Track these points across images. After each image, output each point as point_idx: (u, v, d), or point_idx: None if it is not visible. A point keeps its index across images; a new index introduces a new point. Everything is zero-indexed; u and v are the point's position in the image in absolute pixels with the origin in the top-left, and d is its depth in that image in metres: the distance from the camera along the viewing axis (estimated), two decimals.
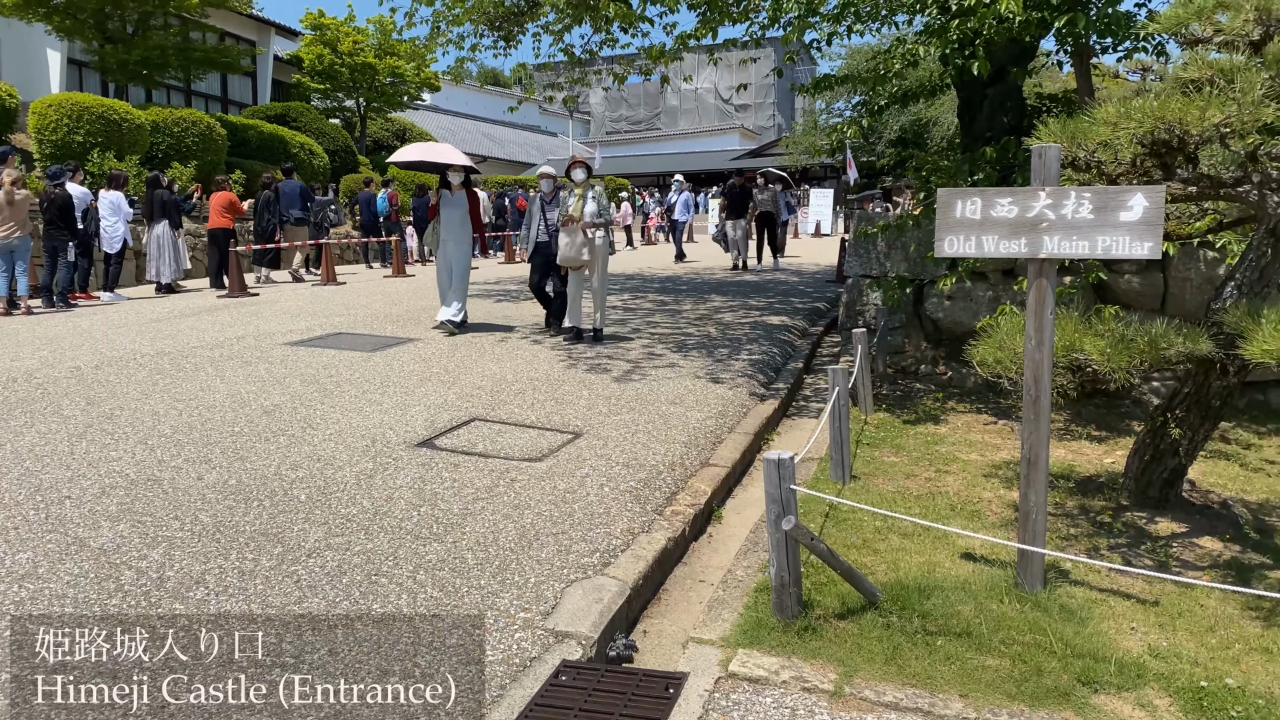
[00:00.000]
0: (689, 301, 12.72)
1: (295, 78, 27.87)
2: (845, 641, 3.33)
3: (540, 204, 9.51)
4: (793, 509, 3.35)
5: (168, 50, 20.16)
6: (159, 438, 5.60)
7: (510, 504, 4.64)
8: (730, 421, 6.51)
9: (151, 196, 14.02)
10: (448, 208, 9.78)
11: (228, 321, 10.50)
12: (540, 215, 9.49)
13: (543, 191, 9.56)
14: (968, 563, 4.14)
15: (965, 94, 9.19)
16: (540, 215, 9.49)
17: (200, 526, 4.22)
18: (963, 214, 3.72)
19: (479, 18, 12.00)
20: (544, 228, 9.43)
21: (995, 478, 5.50)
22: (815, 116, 40.07)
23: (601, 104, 60.31)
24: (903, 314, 8.54)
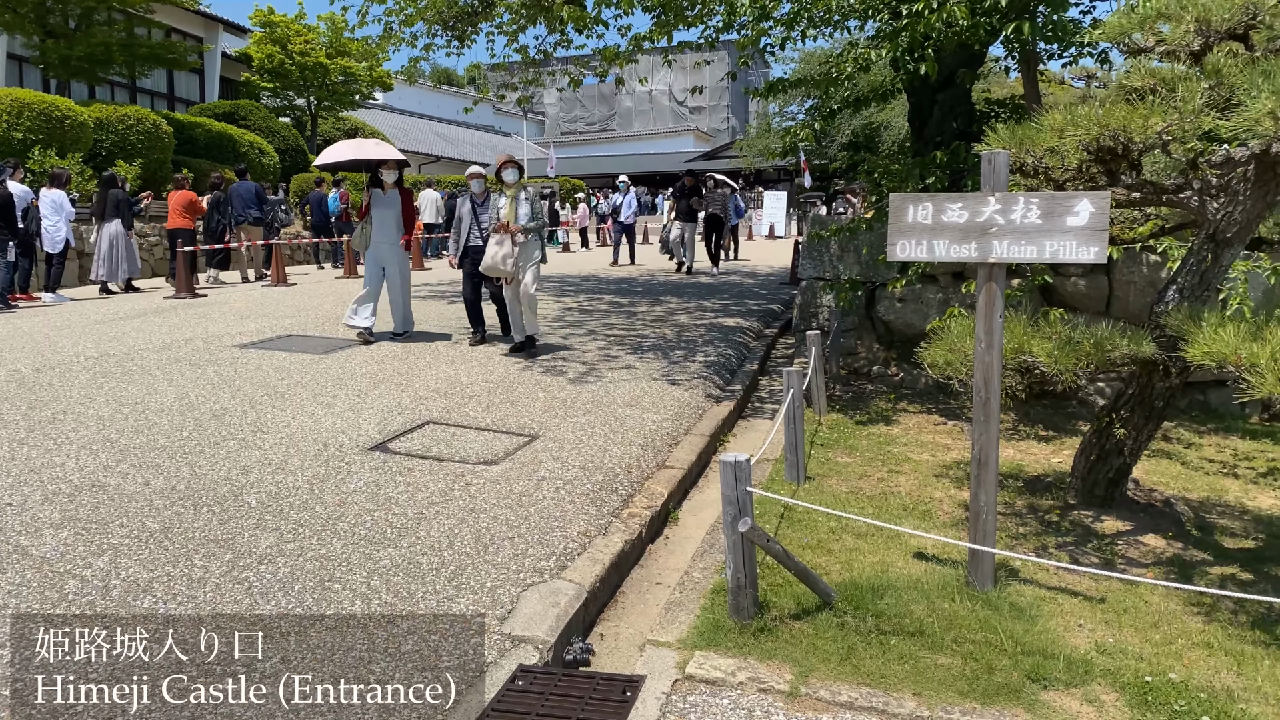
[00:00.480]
0: (644, 303, 12.74)
1: (244, 76, 27.42)
2: (801, 642, 3.36)
3: (472, 206, 8.88)
4: (749, 511, 3.38)
5: (112, 46, 19.72)
6: (104, 443, 5.47)
7: (465, 508, 4.61)
8: (686, 423, 6.53)
9: (105, 195, 13.71)
10: (380, 207, 9.22)
11: (175, 323, 10.29)
12: (471, 218, 8.86)
13: (473, 193, 8.94)
14: (920, 562, 4.20)
15: (916, 99, 9.32)
16: (471, 218, 8.86)
17: (147, 533, 4.13)
18: (914, 218, 3.77)
19: (432, 17, 11.92)
20: (477, 232, 8.82)
21: (946, 478, 5.58)
22: (769, 120, 40.40)
23: (556, 104, 60.17)
24: (855, 316, 8.64)
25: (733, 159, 43.38)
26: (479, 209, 8.81)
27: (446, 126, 48.71)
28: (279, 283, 15.11)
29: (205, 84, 27.69)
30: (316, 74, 26.82)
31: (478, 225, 8.78)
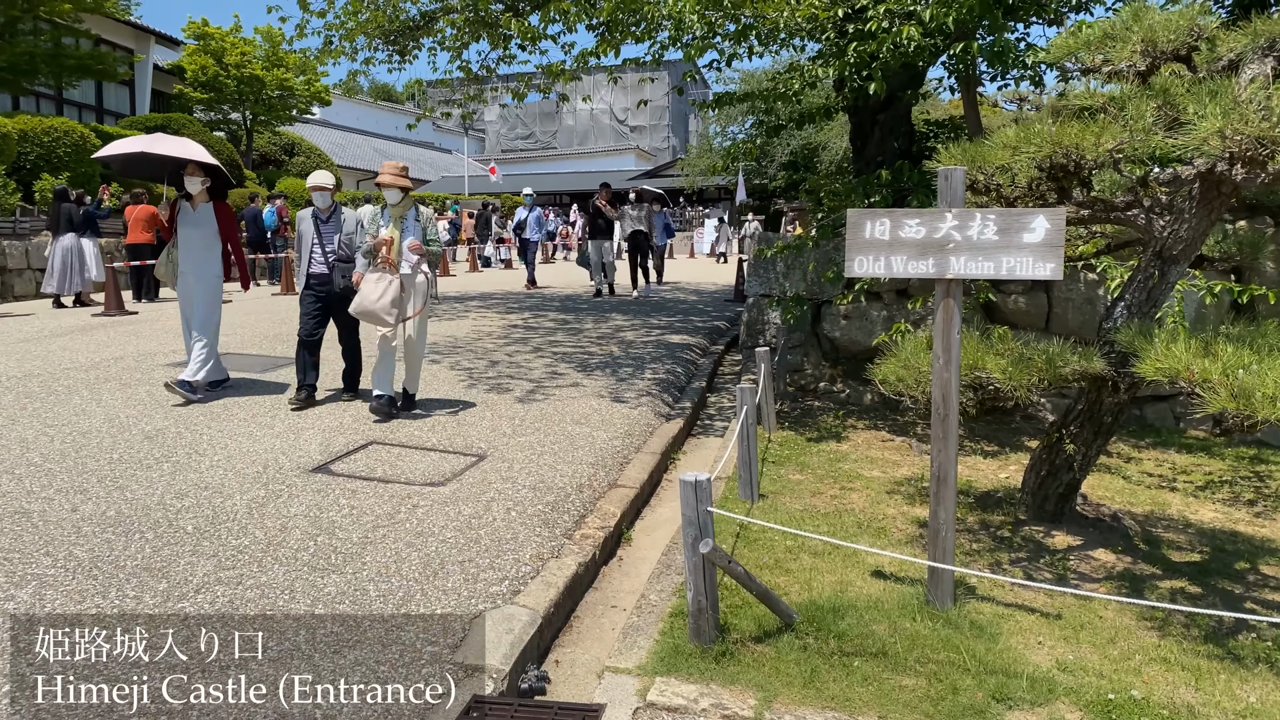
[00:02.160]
0: (590, 320, 12.65)
1: (177, 88, 26.77)
2: (763, 666, 3.28)
3: (314, 223, 7.06)
4: (710, 532, 3.30)
5: (37, 56, 19.13)
6: (28, 466, 5.20)
7: (413, 531, 4.46)
8: (637, 441, 6.45)
9: (58, 210, 13.61)
10: (187, 226, 7.17)
11: (105, 341, 9.92)
12: (315, 238, 7.04)
13: (316, 208, 7.12)
14: (879, 580, 4.16)
15: (857, 119, 9.42)
16: (315, 238, 7.04)
17: (75, 562, 3.91)
18: (872, 234, 3.75)
19: (374, 30, 11.74)
20: (320, 255, 7.01)
21: (898, 494, 5.58)
22: (710, 139, 40.70)
23: (497, 122, 59.95)
24: (801, 333, 8.66)
25: (674, 178, 43.58)
26: (323, 226, 7.05)
27: (385, 143, 48.19)
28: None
29: (136, 96, 26.95)
30: (252, 87, 26.32)
31: (321, 248, 7.01)
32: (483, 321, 12.19)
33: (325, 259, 6.98)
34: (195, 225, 7.20)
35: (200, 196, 7.20)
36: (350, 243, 6.85)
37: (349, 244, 6.86)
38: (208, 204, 7.27)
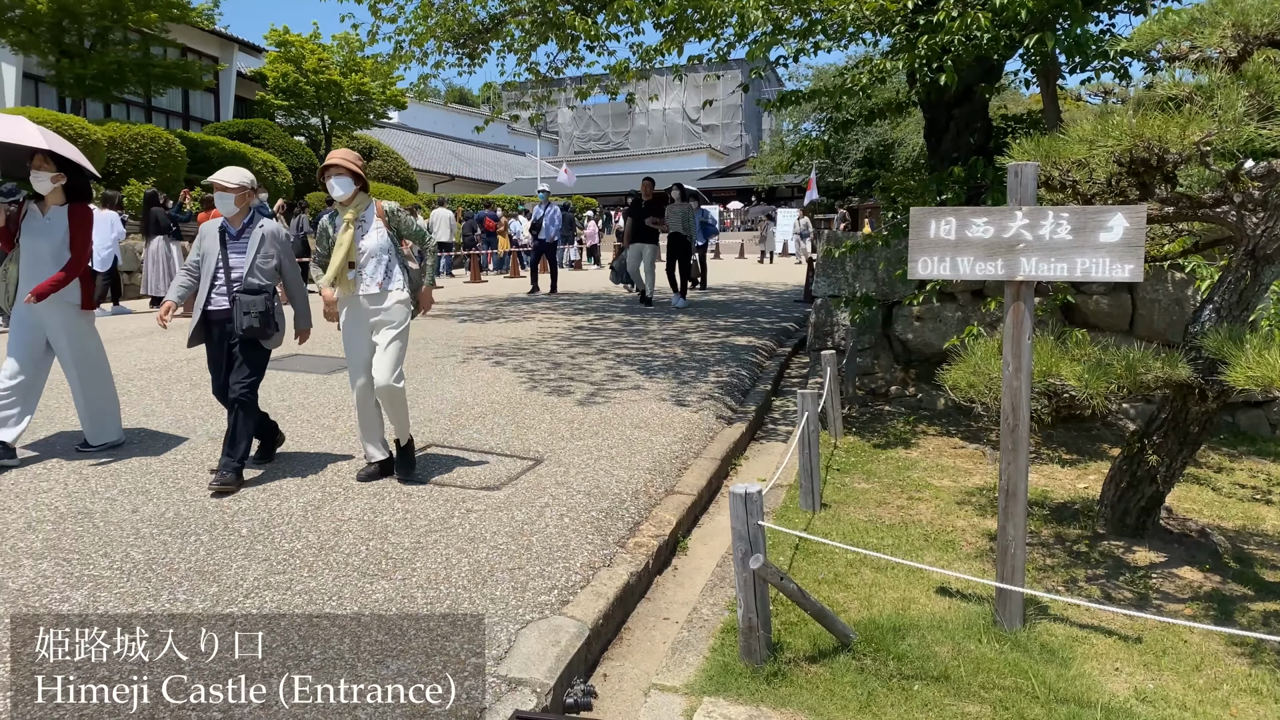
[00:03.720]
0: (656, 321, 12.55)
1: (259, 95, 27.52)
2: (817, 688, 3.13)
3: (221, 239, 5.16)
4: (761, 546, 3.16)
5: (126, 66, 19.79)
6: (95, 466, 5.30)
7: (465, 537, 4.41)
8: (696, 446, 6.31)
9: (149, 214, 14.14)
10: (33, 235, 5.38)
11: (179, 343, 10.14)
12: (219, 258, 5.15)
13: (224, 217, 5.20)
14: (944, 598, 3.96)
15: (931, 114, 9.13)
16: (219, 258, 5.15)
17: (131, 564, 3.94)
18: (937, 234, 3.56)
19: (443, 34, 11.83)
20: (223, 283, 5.15)
21: (969, 505, 5.34)
22: (782, 136, 40.32)
23: (570, 124, 60.38)
24: (871, 335, 8.42)
25: (746, 177, 43.29)
26: (230, 244, 5.17)
27: (461, 146, 48.89)
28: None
29: (220, 103, 27.80)
30: (330, 92, 26.90)
31: (226, 272, 5.14)
32: (548, 323, 12.19)
33: (228, 287, 5.14)
34: (43, 235, 5.37)
35: (54, 197, 5.45)
36: (268, 267, 5.17)
37: (265, 269, 5.17)
38: (62, 207, 5.46)
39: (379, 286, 5.10)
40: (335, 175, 5.02)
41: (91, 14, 18.56)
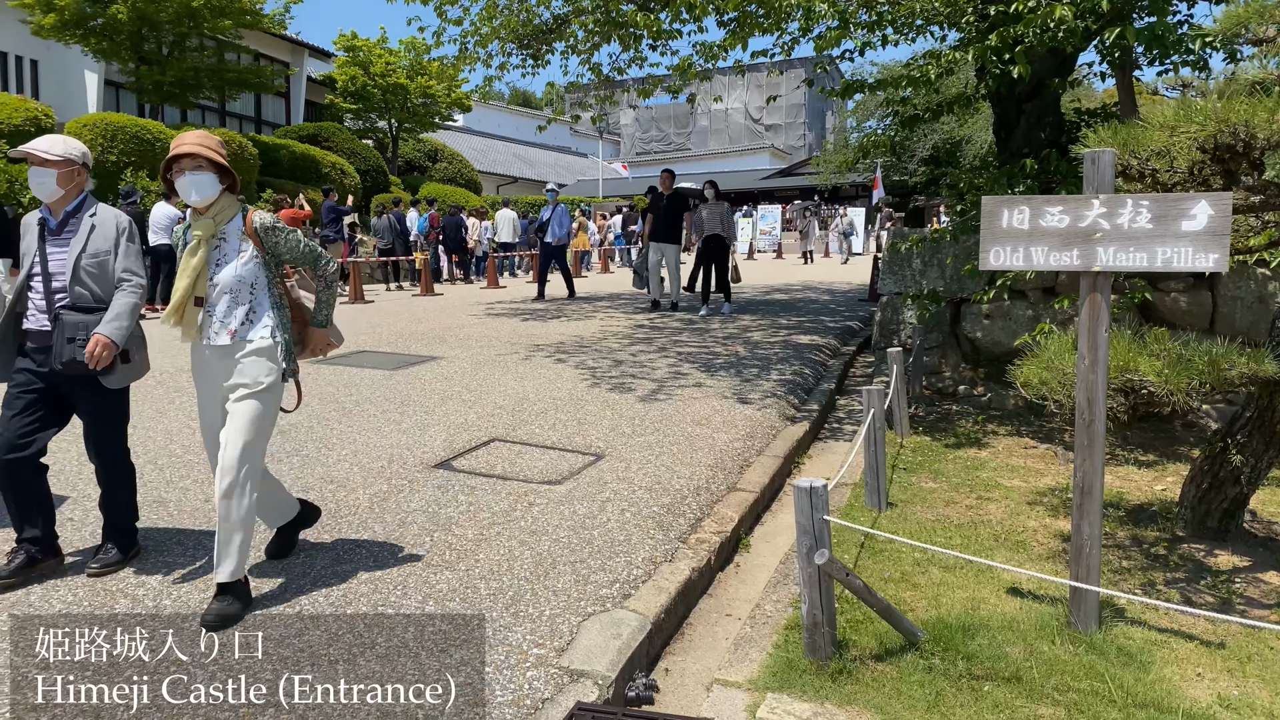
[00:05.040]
0: (717, 320, 12.49)
1: (328, 98, 28.11)
2: (884, 686, 3.06)
3: (40, 233, 3.76)
4: (826, 542, 3.11)
5: (201, 71, 20.37)
6: (169, 457, 5.45)
7: (527, 529, 4.43)
8: (759, 444, 6.26)
9: None
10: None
11: None
12: (36, 261, 3.75)
13: (43, 201, 3.79)
14: (1015, 598, 3.86)
15: (1001, 109, 8.93)
16: (36, 261, 3.75)
17: (204, 553, 4.03)
18: (1009, 224, 3.47)
19: (507, 35, 11.93)
20: (41, 293, 3.73)
21: (1040, 505, 5.20)
22: (846, 135, 39.82)
23: (632, 125, 60.47)
24: (939, 333, 8.25)
25: (809, 176, 42.89)
26: (50, 238, 3.76)
27: (524, 148, 49.29)
28: (356, 299, 15.31)
29: (291, 107, 28.45)
30: (397, 95, 27.35)
31: (45, 280, 3.72)
32: (610, 321, 12.21)
33: (48, 302, 3.67)
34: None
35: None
36: (98, 272, 3.68)
37: (95, 274, 3.69)
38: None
39: (231, 335, 3.50)
40: (191, 171, 3.48)
41: (169, 22, 19.12)
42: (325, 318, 3.85)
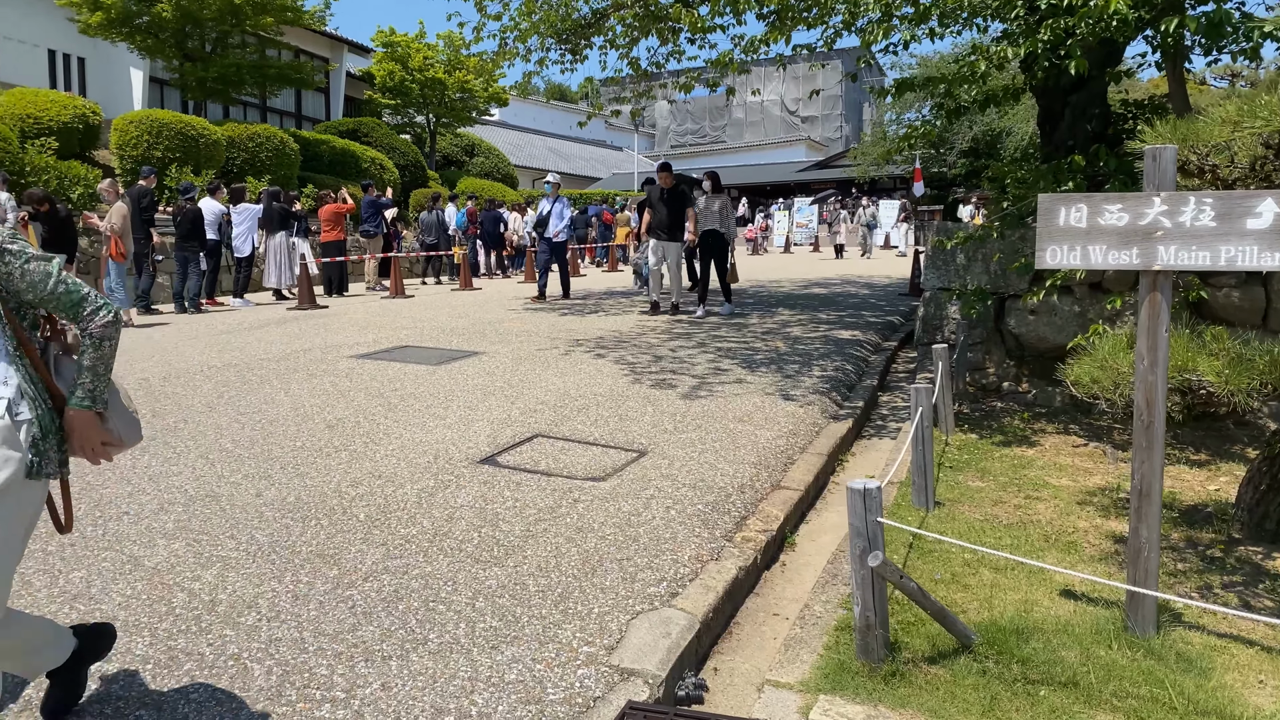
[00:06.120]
0: (755, 315, 12.44)
1: (367, 94, 28.32)
2: (937, 689, 3.04)
3: None
4: (879, 544, 3.08)
5: (244, 68, 20.61)
6: (220, 452, 5.53)
7: (573, 526, 4.44)
8: (802, 441, 6.22)
9: (270, 209, 14.85)
10: None
11: (296, 333, 10.53)
12: None
13: None
14: (1069, 601, 3.80)
15: (1046, 101, 8.79)
16: None
17: (256, 546, 4.09)
18: (1066, 221, 3.41)
19: (546, 30, 11.94)
20: None
21: (1090, 505, 5.12)
22: (884, 127, 39.46)
23: (667, 118, 60.33)
24: (983, 329, 8.15)
25: (846, 168, 42.57)
26: None
27: (559, 142, 49.40)
28: (397, 294, 15.43)
29: (330, 102, 28.71)
30: (435, 90, 27.49)
31: None
32: (647, 316, 12.19)
33: None
34: None
35: None
36: None
37: None
38: None
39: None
40: None
41: (212, 19, 19.36)
42: (90, 395, 2.46)
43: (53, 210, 11.50)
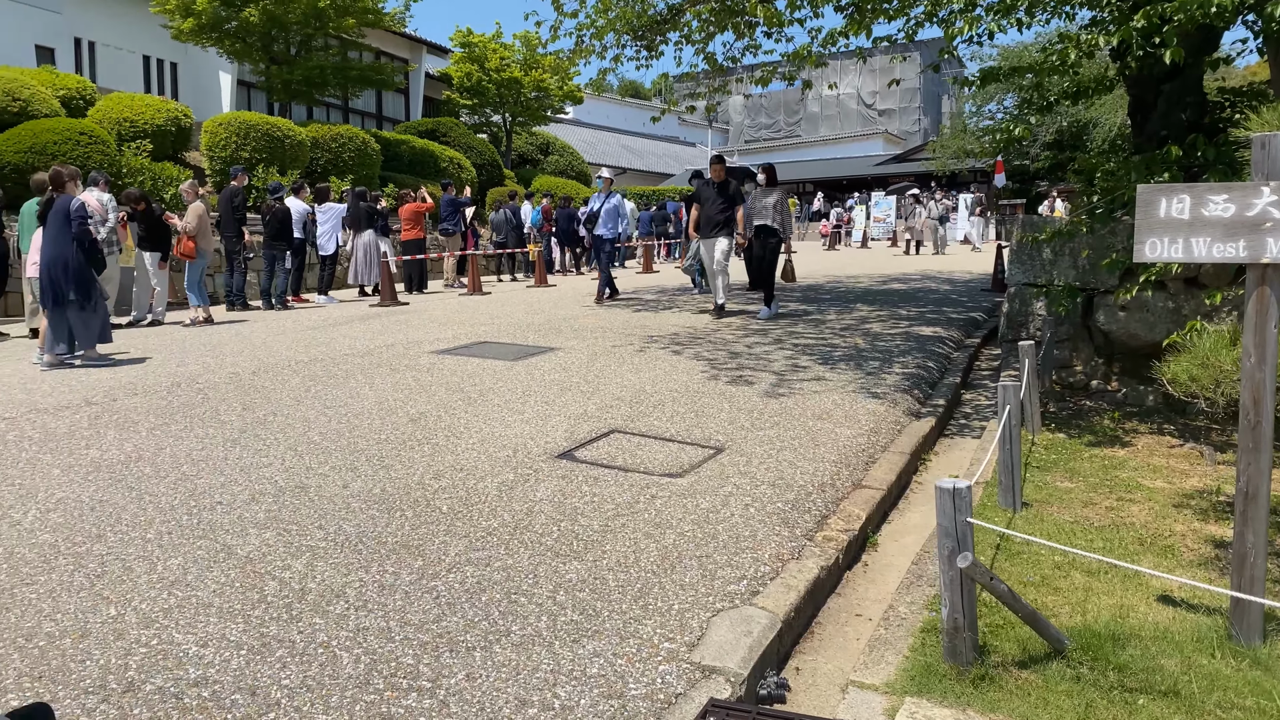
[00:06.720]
0: (833, 311, 12.29)
1: (445, 94, 28.76)
2: (1029, 694, 2.95)
3: None
4: (969, 544, 3.01)
5: (327, 70, 21.10)
6: (308, 444, 5.67)
7: (651, 522, 4.44)
8: (883, 440, 6.12)
9: (356, 208, 15.26)
10: None
11: (378, 329, 10.75)
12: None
13: None
14: (1167, 607, 3.66)
15: (1137, 90, 8.49)
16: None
17: (343, 536, 4.18)
18: (1168, 213, 3.28)
19: (622, 26, 11.96)
20: None
21: (1187, 508, 4.93)
22: (964, 120, 38.61)
23: (740, 113, 59.95)
24: (1070, 325, 7.92)
25: (924, 161, 41.78)
26: None
27: (632, 139, 49.45)
28: (474, 291, 15.65)
29: (410, 103, 29.23)
30: (511, 90, 27.78)
31: None
32: (733, 309, 12.13)
33: None
34: None
35: None
36: None
37: None
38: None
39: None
40: None
41: (297, 22, 19.87)
42: None
43: (148, 209, 11.93)
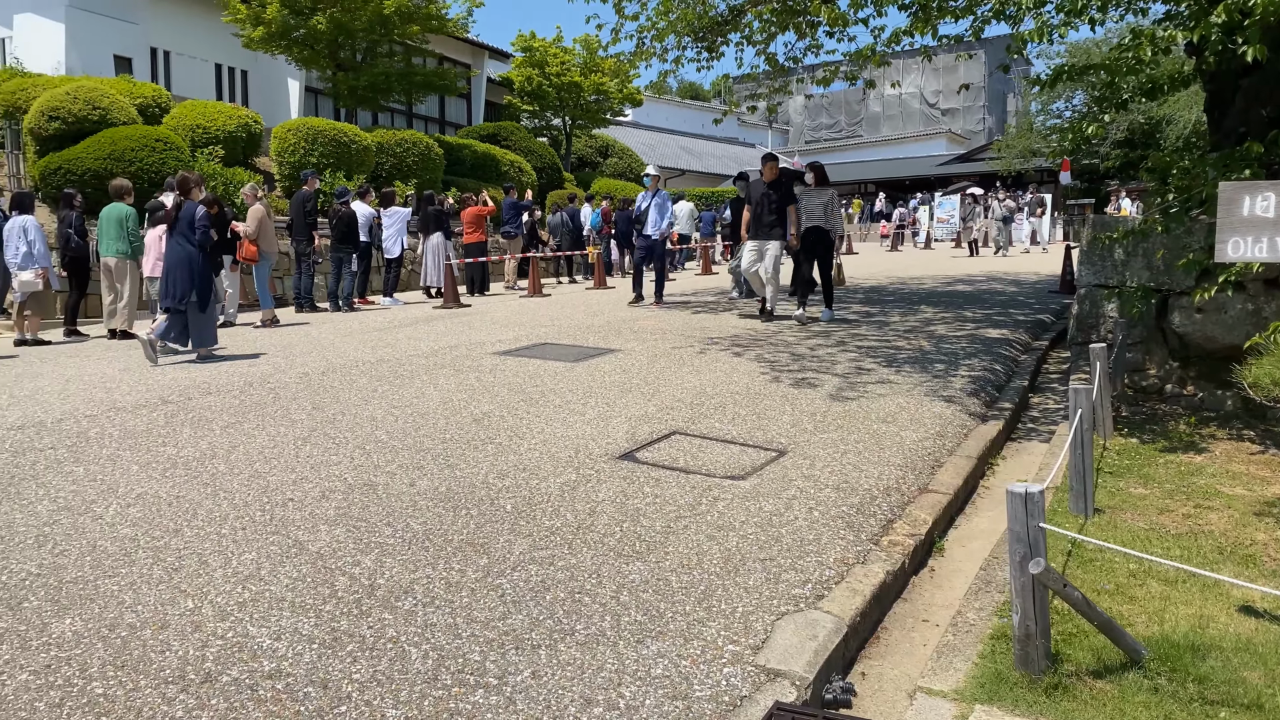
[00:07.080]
0: (897, 313, 12.14)
1: (506, 98, 29.03)
2: (1105, 705, 2.88)
3: None
4: (1041, 550, 2.95)
5: (391, 76, 21.44)
6: (375, 443, 5.77)
7: (713, 524, 4.43)
8: (949, 443, 6.03)
9: (425, 211, 15.59)
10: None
11: (442, 331, 10.91)
12: None
13: None
14: (1249, 618, 3.55)
15: (1215, 86, 8.24)
16: None
17: (411, 534, 4.25)
18: (1252, 211, 3.18)
19: (683, 28, 11.97)
20: None
21: (1269, 516, 4.77)
22: (1030, 119, 37.83)
23: (800, 113, 59.56)
24: (1143, 328, 7.71)
25: (989, 161, 41.04)
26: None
27: (691, 140, 49.38)
28: (534, 294, 15.78)
29: (472, 108, 29.59)
30: (571, 93, 27.93)
31: None
32: (782, 314, 12.06)
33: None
34: None
35: None
36: None
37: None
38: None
39: None
40: None
41: (363, 30, 20.23)
42: None
43: (221, 213, 12.25)
